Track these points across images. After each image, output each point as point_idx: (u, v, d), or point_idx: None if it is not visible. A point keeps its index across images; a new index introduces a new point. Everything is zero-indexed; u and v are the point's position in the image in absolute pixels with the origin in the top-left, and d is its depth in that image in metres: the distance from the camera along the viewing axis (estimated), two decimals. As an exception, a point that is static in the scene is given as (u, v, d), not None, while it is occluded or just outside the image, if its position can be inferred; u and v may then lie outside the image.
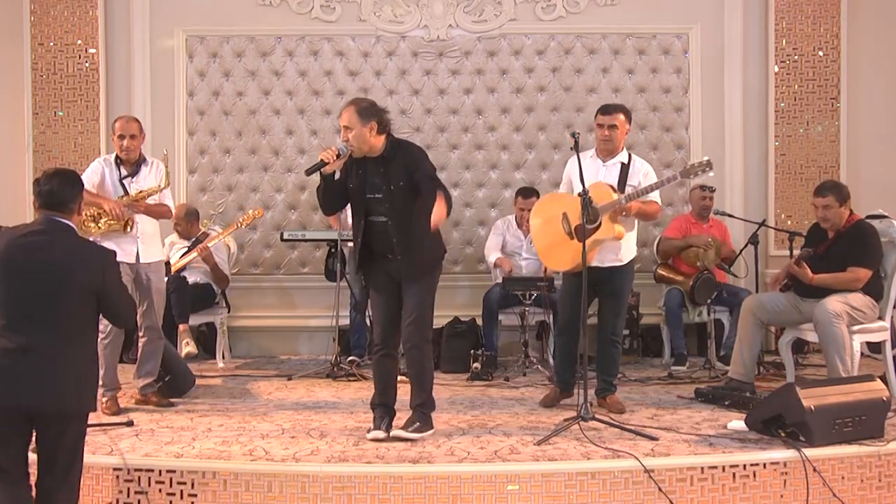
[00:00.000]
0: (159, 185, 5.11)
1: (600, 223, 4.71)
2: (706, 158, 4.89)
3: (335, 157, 4.31)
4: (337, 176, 4.48)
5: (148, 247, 5.09)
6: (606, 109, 5.02)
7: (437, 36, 7.28)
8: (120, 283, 3.66)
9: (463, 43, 7.30)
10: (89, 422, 4.38)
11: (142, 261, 5.04)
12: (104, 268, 3.49)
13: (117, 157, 5.12)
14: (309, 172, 4.45)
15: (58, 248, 3.40)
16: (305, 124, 7.31)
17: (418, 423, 4.37)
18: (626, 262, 4.97)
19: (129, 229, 4.95)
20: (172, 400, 5.26)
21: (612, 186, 4.82)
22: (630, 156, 5.04)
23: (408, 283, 4.38)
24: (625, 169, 4.94)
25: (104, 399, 4.86)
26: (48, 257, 3.36)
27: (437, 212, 4.20)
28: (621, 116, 4.96)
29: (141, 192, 5.03)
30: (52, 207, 3.48)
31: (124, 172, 5.08)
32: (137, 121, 5.23)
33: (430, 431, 4.41)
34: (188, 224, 6.74)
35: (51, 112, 7.14)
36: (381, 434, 4.32)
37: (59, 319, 3.33)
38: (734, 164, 7.24)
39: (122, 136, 5.05)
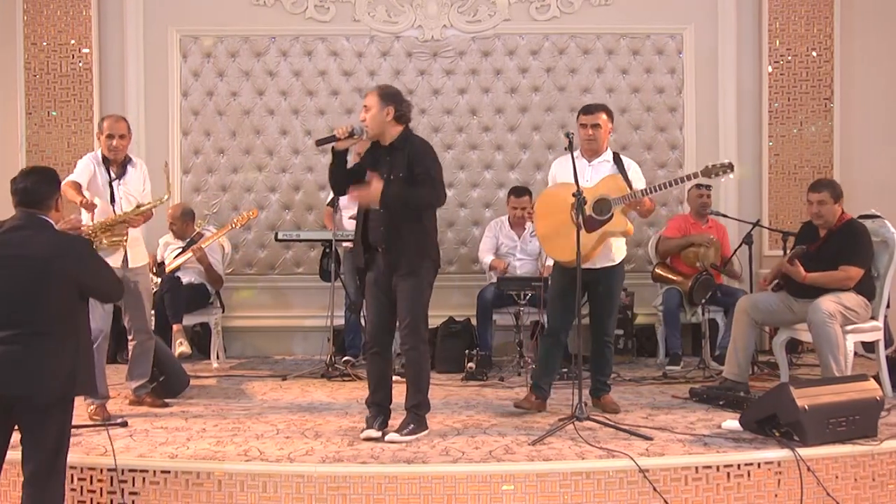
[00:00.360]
0: (161, 199, 5.08)
1: (612, 215, 4.69)
2: (728, 161, 4.93)
3: (347, 135, 4.37)
4: (352, 163, 4.63)
5: (134, 251, 5.04)
6: (589, 109, 4.98)
7: (432, 36, 7.28)
8: (100, 263, 3.71)
9: (457, 43, 7.30)
10: (85, 423, 4.40)
11: (130, 265, 5.00)
12: (83, 255, 3.55)
13: (104, 156, 5.07)
14: (319, 143, 4.59)
15: (38, 242, 3.44)
16: (300, 124, 7.31)
17: (412, 426, 4.36)
18: (617, 262, 4.97)
19: (125, 243, 4.93)
20: (167, 400, 5.24)
21: (626, 179, 4.78)
22: (615, 154, 5.00)
23: (397, 281, 4.38)
24: (620, 164, 4.91)
25: (92, 407, 4.76)
26: (29, 252, 3.40)
27: (371, 189, 4.30)
28: (604, 116, 4.93)
29: (140, 205, 4.99)
30: (28, 205, 3.54)
31: (112, 175, 5.04)
32: (126, 120, 5.20)
33: (425, 432, 4.40)
34: (184, 224, 6.73)
35: (44, 112, 7.13)
36: (373, 433, 4.33)
37: (42, 312, 3.37)
38: (728, 164, 7.25)
39: (111, 136, 5.00)
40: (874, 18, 7.29)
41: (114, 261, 4.82)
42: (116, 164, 5.06)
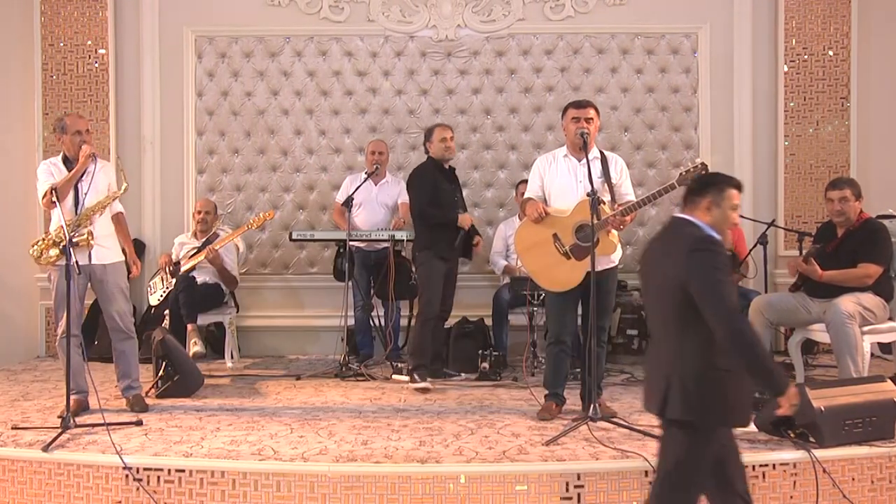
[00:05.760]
0: (119, 190, 5.06)
1: (598, 240, 4.60)
2: (700, 161, 4.79)
3: None
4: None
5: (102, 249, 4.97)
6: (580, 104, 4.90)
7: (446, 36, 7.28)
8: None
9: (471, 43, 7.30)
10: (99, 421, 4.42)
11: (94, 261, 4.92)
12: None
13: (64, 157, 5.00)
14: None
15: None
16: (314, 124, 7.32)
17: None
18: (617, 262, 4.95)
19: (91, 241, 4.86)
20: (181, 400, 5.29)
21: (601, 200, 4.68)
22: (601, 151, 4.93)
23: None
24: (605, 163, 4.85)
25: (72, 399, 4.71)
26: None
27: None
28: (593, 111, 4.87)
29: (99, 201, 4.96)
30: None
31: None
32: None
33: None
34: (214, 217, 6.83)
35: (61, 112, 7.11)
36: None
37: None
38: (743, 163, 7.21)
39: (78, 132, 4.94)
40: (891, 17, 7.22)
41: (80, 258, 4.78)
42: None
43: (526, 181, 5.67)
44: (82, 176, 4.94)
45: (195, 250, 6.63)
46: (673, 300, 3.03)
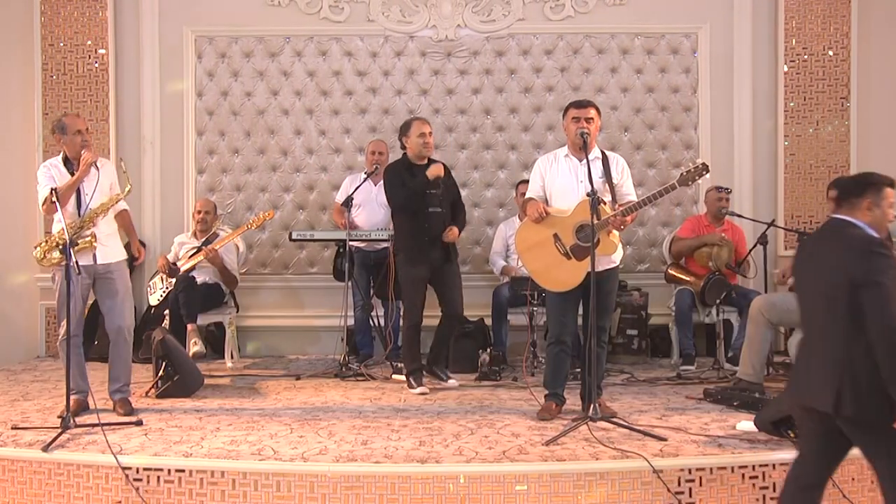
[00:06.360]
0: (122, 193, 5.05)
1: (598, 240, 4.60)
2: (700, 162, 4.80)
3: None
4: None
5: (106, 248, 4.95)
6: (581, 103, 4.89)
7: (446, 36, 7.28)
8: None
9: (471, 43, 7.30)
10: (99, 421, 4.42)
11: (99, 261, 4.89)
12: None
13: (66, 159, 4.95)
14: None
15: None
16: (314, 124, 7.32)
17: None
18: (617, 262, 4.95)
19: (94, 243, 4.86)
20: (183, 399, 5.28)
21: (602, 201, 4.67)
22: (602, 152, 4.92)
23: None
24: (606, 163, 4.84)
25: (72, 399, 4.70)
26: None
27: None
28: (594, 111, 4.86)
29: (103, 203, 4.94)
30: None
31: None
32: None
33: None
34: (213, 217, 6.84)
35: (61, 112, 7.08)
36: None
37: None
38: (743, 163, 7.22)
39: (79, 132, 4.90)
40: (891, 17, 7.23)
41: (84, 257, 4.79)
42: (78, 164, 4.89)
43: (526, 181, 5.72)
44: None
45: (195, 250, 6.64)
46: (841, 300, 3.07)
